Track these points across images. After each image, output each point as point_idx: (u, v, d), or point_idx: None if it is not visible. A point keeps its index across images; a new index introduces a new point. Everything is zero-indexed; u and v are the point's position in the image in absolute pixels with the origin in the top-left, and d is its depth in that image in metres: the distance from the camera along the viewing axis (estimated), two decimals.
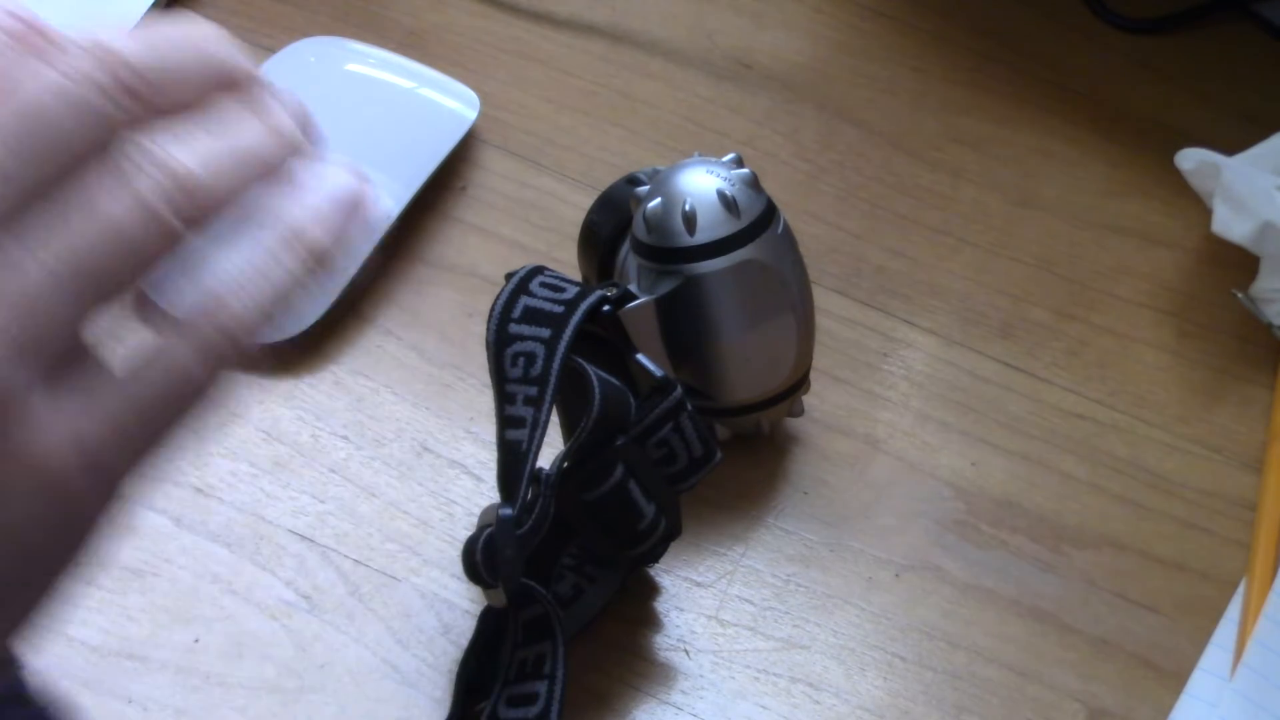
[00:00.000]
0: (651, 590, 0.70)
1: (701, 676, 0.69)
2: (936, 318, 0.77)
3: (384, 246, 0.74)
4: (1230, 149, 0.77)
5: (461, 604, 0.70)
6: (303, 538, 0.71)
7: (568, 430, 0.69)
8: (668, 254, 0.69)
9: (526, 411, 0.65)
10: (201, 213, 0.40)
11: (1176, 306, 0.78)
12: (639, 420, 0.66)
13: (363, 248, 0.76)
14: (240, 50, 0.42)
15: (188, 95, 0.41)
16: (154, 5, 0.83)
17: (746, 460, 0.73)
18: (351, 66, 0.82)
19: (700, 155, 0.71)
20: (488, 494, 0.72)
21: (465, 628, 0.69)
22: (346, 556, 0.71)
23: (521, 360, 0.65)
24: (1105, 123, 0.83)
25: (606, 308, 0.67)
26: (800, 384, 0.72)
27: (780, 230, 0.70)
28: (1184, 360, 0.77)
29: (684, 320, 0.69)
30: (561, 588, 0.69)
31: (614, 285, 0.69)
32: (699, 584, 0.71)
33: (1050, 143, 0.82)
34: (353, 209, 0.43)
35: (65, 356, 0.39)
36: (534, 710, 0.64)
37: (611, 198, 0.73)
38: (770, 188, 0.70)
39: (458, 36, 0.84)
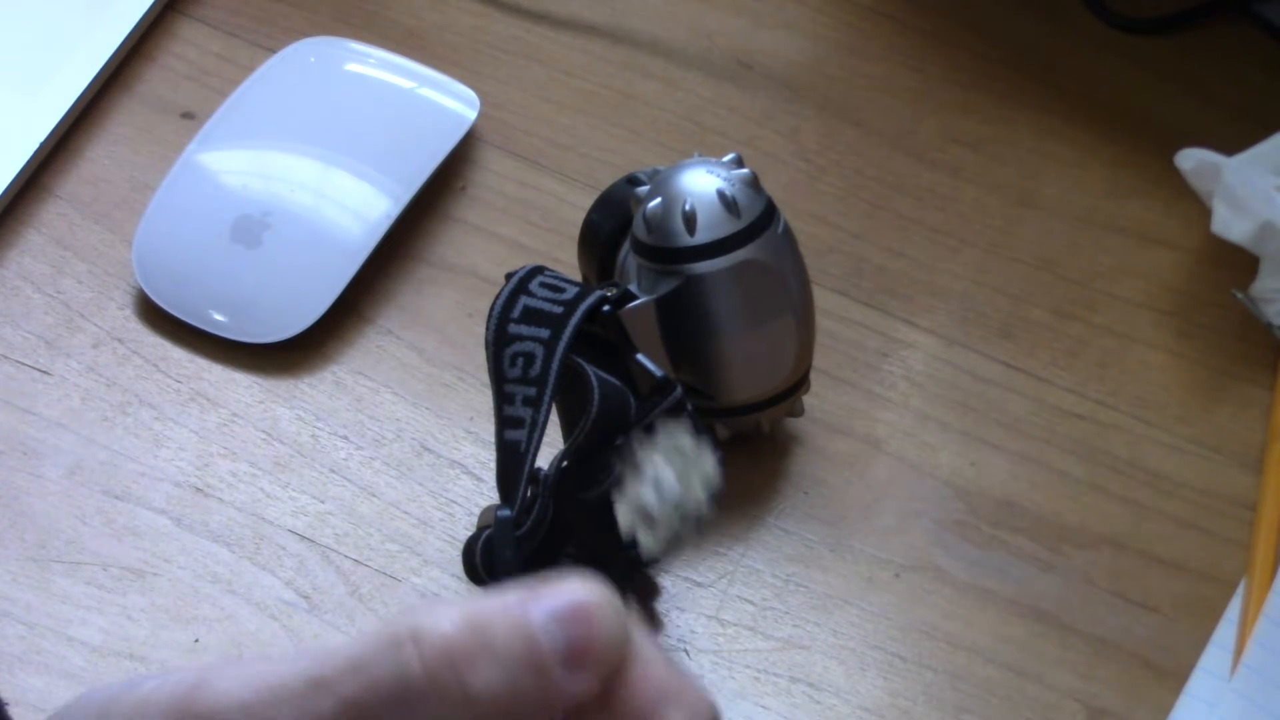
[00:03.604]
0: (651, 590, 0.70)
1: (701, 676, 0.68)
2: (936, 318, 0.77)
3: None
4: (1230, 149, 0.77)
5: None
6: (303, 538, 0.71)
7: (567, 430, 0.69)
8: (668, 254, 0.69)
9: (525, 412, 0.65)
10: None
11: (1176, 306, 0.78)
12: (639, 420, 0.66)
13: (364, 246, 0.76)
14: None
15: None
16: (153, 4, 0.83)
17: (746, 460, 0.73)
18: (351, 66, 0.82)
19: (700, 155, 0.71)
20: (488, 494, 0.72)
21: None
22: (346, 556, 0.71)
23: (520, 360, 0.65)
24: (1105, 123, 0.83)
25: (606, 308, 0.67)
26: (800, 384, 0.72)
27: (780, 230, 0.70)
28: (1184, 360, 0.77)
29: (684, 320, 0.69)
30: None
31: (614, 285, 0.69)
32: (699, 584, 0.71)
33: (1050, 143, 0.82)
34: None
35: None
36: None
37: (611, 198, 0.73)
38: (770, 188, 0.70)
39: (458, 36, 0.84)
